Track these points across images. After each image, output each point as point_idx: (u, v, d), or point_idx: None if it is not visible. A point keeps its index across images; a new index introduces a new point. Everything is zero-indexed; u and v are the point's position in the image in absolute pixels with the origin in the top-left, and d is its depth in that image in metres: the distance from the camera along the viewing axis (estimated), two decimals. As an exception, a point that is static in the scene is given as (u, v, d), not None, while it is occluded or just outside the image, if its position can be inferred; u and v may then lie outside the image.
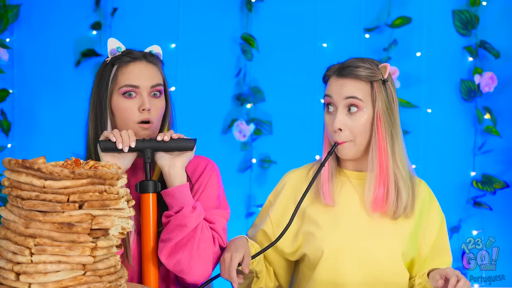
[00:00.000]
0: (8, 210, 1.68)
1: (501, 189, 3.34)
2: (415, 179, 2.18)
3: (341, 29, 3.34)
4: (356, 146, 2.10)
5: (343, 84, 2.09)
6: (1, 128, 3.23)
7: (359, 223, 2.12)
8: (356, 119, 2.08)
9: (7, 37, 3.23)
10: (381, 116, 2.08)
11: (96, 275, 1.66)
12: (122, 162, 2.08)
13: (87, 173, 1.63)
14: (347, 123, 2.08)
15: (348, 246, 2.10)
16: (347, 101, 2.08)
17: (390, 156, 2.09)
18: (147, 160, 2.10)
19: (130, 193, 1.78)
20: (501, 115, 3.36)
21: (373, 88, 2.09)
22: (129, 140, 2.07)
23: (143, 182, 2.10)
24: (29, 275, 1.61)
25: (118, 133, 2.08)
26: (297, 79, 3.34)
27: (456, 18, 3.33)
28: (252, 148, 3.35)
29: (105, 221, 1.64)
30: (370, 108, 2.09)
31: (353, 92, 2.08)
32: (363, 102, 2.08)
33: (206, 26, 3.32)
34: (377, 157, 2.09)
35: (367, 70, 2.09)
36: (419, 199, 2.16)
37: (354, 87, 2.08)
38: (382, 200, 2.10)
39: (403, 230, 2.12)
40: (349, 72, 2.09)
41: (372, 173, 2.09)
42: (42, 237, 1.62)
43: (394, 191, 2.10)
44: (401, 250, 2.10)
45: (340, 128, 2.08)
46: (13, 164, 1.64)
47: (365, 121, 2.09)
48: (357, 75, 2.09)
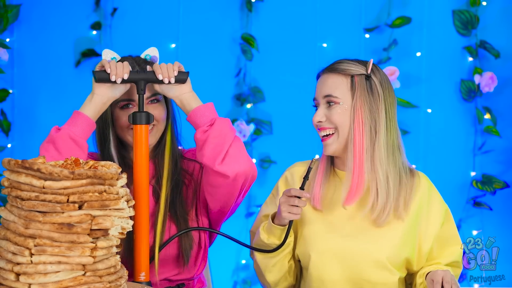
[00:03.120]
0: (8, 211, 1.68)
1: (501, 189, 3.34)
2: (414, 173, 2.19)
3: (341, 29, 3.34)
4: (339, 139, 2.13)
5: (324, 81, 2.16)
6: (1, 128, 3.23)
7: (347, 228, 2.14)
8: (333, 110, 2.14)
9: (7, 37, 3.23)
10: (359, 110, 2.11)
11: (96, 275, 1.66)
12: (112, 91, 2.17)
13: (87, 173, 1.63)
14: (326, 114, 2.15)
15: (333, 251, 2.13)
16: (326, 99, 2.15)
17: (365, 153, 2.11)
18: (141, 92, 2.16)
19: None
20: (501, 115, 3.36)
21: (353, 82, 2.13)
22: (123, 71, 2.14)
23: (135, 113, 2.15)
24: (29, 276, 1.61)
25: (114, 65, 2.15)
26: (297, 79, 3.34)
27: (456, 18, 3.33)
28: (252, 148, 3.35)
29: (105, 221, 1.64)
30: (349, 102, 2.13)
31: (329, 90, 2.14)
32: (339, 98, 2.13)
33: (206, 26, 3.32)
34: (352, 152, 2.12)
35: (348, 65, 2.16)
36: (417, 195, 2.16)
37: (332, 82, 2.14)
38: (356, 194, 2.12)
39: (392, 233, 2.13)
40: (330, 68, 2.17)
41: (348, 170, 2.13)
42: (42, 237, 1.62)
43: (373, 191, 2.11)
44: (386, 254, 2.11)
45: (319, 120, 2.14)
46: (12, 165, 1.64)
47: (342, 112, 2.13)
48: (335, 69, 2.15)
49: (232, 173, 2.14)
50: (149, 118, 2.16)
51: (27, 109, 3.28)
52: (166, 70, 2.17)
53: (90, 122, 2.16)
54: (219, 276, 3.25)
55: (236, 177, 2.15)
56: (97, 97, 2.17)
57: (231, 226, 3.26)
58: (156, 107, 2.26)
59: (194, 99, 2.22)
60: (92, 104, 2.17)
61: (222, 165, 2.13)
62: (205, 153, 2.15)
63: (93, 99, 2.17)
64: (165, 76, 2.16)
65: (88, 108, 2.17)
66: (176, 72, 2.18)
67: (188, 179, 2.32)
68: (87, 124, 2.16)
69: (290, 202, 2.07)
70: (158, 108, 2.26)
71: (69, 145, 2.14)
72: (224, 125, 2.17)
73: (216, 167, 2.13)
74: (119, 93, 2.18)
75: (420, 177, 2.20)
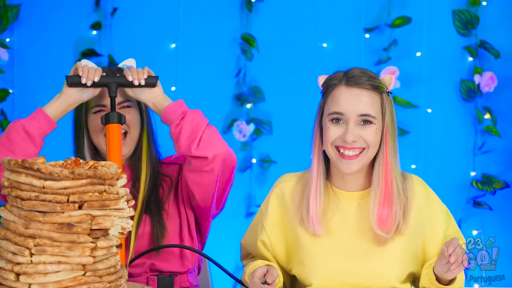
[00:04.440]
0: (8, 211, 1.68)
1: (501, 189, 3.34)
2: (406, 177, 2.12)
3: (341, 29, 3.34)
4: (366, 158, 2.04)
5: (358, 97, 2.03)
6: (1, 128, 3.23)
7: (349, 250, 2.07)
8: (368, 129, 2.03)
9: (7, 37, 3.23)
10: (389, 129, 2.05)
11: (96, 275, 1.66)
12: (80, 94, 2.24)
13: (87, 173, 1.63)
14: (360, 134, 2.03)
15: (337, 277, 2.06)
16: (361, 118, 2.03)
17: (394, 172, 2.04)
18: (112, 94, 2.24)
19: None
20: (501, 115, 3.36)
21: (382, 99, 2.05)
22: (94, 75, 2.21)
23: (108, 114, 2.23)
24: (29, 276, 1.61)
25: (87, 68, 2.23)
26: (297, 79, 3.34)
27: (456, 18, 3.33)
28: (252, 148, 3.35)
29: (105, 221, 1.64)
30: (380, 121, 2.05)
31: (367, 109, 2.02)
32: (376, 118, 2.03)
33: (206, 26, 3.32)
34: (383, 172, 2.04)
35: (377, 81, 2.05)
36: (414, 204, 2.09)
37: (368, 100, 2.03)
38: (387, 217, 2.03)
39: (395, 250, 2.07)
40: (362, 83, 2.03)
41: (377, 190, 2.04)
42: (42, 237, 1.62)
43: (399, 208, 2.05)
44: (395, 274, 2.06)
45: (354, 140, 2.02)
46: (12, 164, 1.64)
47: (377, 131, 2.04)
48: (369, 84, 2.03)
49: (210, 154, 2.19)
50: (121, 118, 2.23)
51: (27, 109, 3.28)
52: (136, 73, 2.24)
53: (49, 119, 2.22)
54: (219, 276, 3.25)
55: (214, 158, 2.20)
56: (64, 97, 2.24)
57: (231, 226, 3.27)
58: (128, 111, 2.32)
59: (165, 99, 2.28)
60: (56, 104, 2.25)
61: (198, 149, 2.19)
62: (181, 144, 2.20)
63: (60, 99, 2.24)
64: (135, 78, 2.23)
65: (52, 107, 2.24)
66: (146, 75, 2.25)
67: (166, 181, 2.37)
68: (46, 121, 2.22)
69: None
70: (130, 113, 2.32)
71: (21, 136, 2.19)
72: (196, 115, 2.23)
73: (193, 152, 2.19)
74: (87, 97, 2.26)
75: (414, 182, 2.13)
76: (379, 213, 2.03)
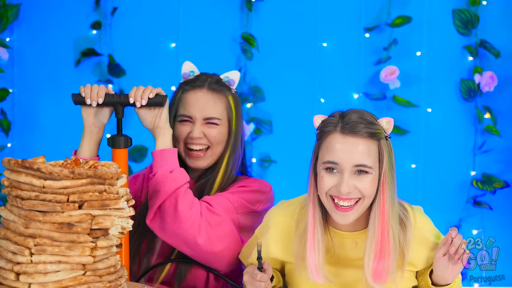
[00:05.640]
0: (8, 210, 1.68)
1: (501, 188, 3.34)
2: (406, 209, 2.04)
3: (341, 28, 3.34)
4: (361, 207, 1.96)
5: (353, 147, 1.93)
6: (1, 127, 3.23)
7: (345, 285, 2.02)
8: (364, 179, 1.94)
9: (7, 37, 3.23)
10: (386, 177, 1.95)
11: (96, 275, 1.66)
12: (98, 119, 2.18)
13: (87, 173, 1.63)
14: (356, 184, 1.94)
15: None
16: (357, 168, 1.94)
17: (391, 220, 1.96)
18: (118, 115, 2.18)
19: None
20: (501, 115, 3.36)
21: (380, 146, 1.95)
22: (97, 95, 2.14)
23: (114, 137, 2.16)
24: (29, 275, 1.61)
25: (89, 89, 2.16)
26: (297, 79, 3.34)
27: (456, 17, 3.33)
28: (252, 148, 3.35)
29: (105, 221, 1.64)
30: (377, 169, 1.95)
31: (362, 159, 1.92)
32: (372, 168, 1.94)
33: (206, 26, 3.32)
34: (379, 222, 1.95)
35: (375, 126, 1.95)
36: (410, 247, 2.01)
37: (364, 149, 1.93)
38: (382, 271, 1.95)
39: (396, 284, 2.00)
40: (357, 132, 1.93)
41: (373, 241, 1.95)
42: (42, 237, 1.62)
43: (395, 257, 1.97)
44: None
45: (349, 191, 1.93)
46: (12, 164, 1.64)
47: (373, 181, 1.94)
48: (364, 132, 1.94)
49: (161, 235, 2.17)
50: (127, 142, 2.17)
51: (27, 108, 3.28)
52: (139, 93, 2.15)
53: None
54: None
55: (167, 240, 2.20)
56: (87, 130, 2.19)
57: (231, 226, 3.26)
58: (213, 128, 2.28)
59: (159, 137, 2.18)
60: (85, 142, 2.19)
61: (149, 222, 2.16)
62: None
63: (85, 135, 2.19)
64: (137, 99, 2.14)
65: (84, 148, 2.20)
66: (153, 94, 2.15)
67: None
68: None
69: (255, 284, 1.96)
70: (216, 130, 2.28)
71: None
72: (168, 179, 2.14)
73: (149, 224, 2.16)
74: (105, 118, 2.20)
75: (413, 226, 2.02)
76: (374, 266, 1.95)
